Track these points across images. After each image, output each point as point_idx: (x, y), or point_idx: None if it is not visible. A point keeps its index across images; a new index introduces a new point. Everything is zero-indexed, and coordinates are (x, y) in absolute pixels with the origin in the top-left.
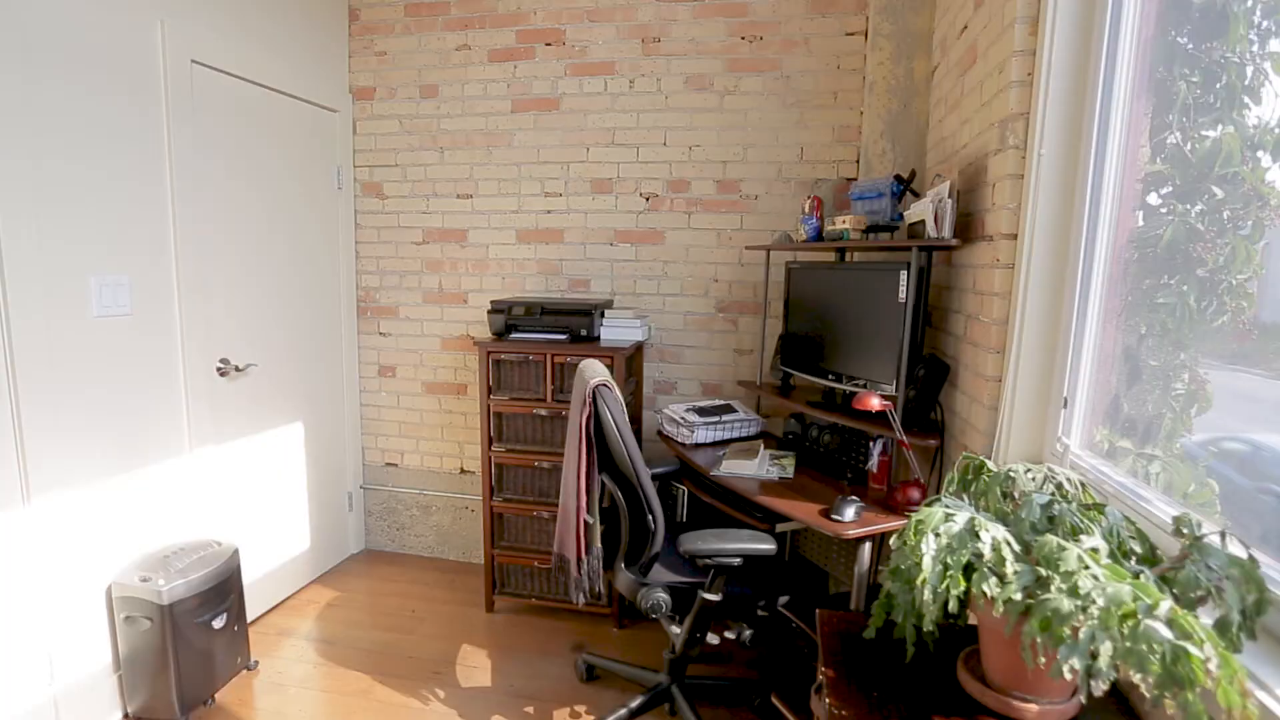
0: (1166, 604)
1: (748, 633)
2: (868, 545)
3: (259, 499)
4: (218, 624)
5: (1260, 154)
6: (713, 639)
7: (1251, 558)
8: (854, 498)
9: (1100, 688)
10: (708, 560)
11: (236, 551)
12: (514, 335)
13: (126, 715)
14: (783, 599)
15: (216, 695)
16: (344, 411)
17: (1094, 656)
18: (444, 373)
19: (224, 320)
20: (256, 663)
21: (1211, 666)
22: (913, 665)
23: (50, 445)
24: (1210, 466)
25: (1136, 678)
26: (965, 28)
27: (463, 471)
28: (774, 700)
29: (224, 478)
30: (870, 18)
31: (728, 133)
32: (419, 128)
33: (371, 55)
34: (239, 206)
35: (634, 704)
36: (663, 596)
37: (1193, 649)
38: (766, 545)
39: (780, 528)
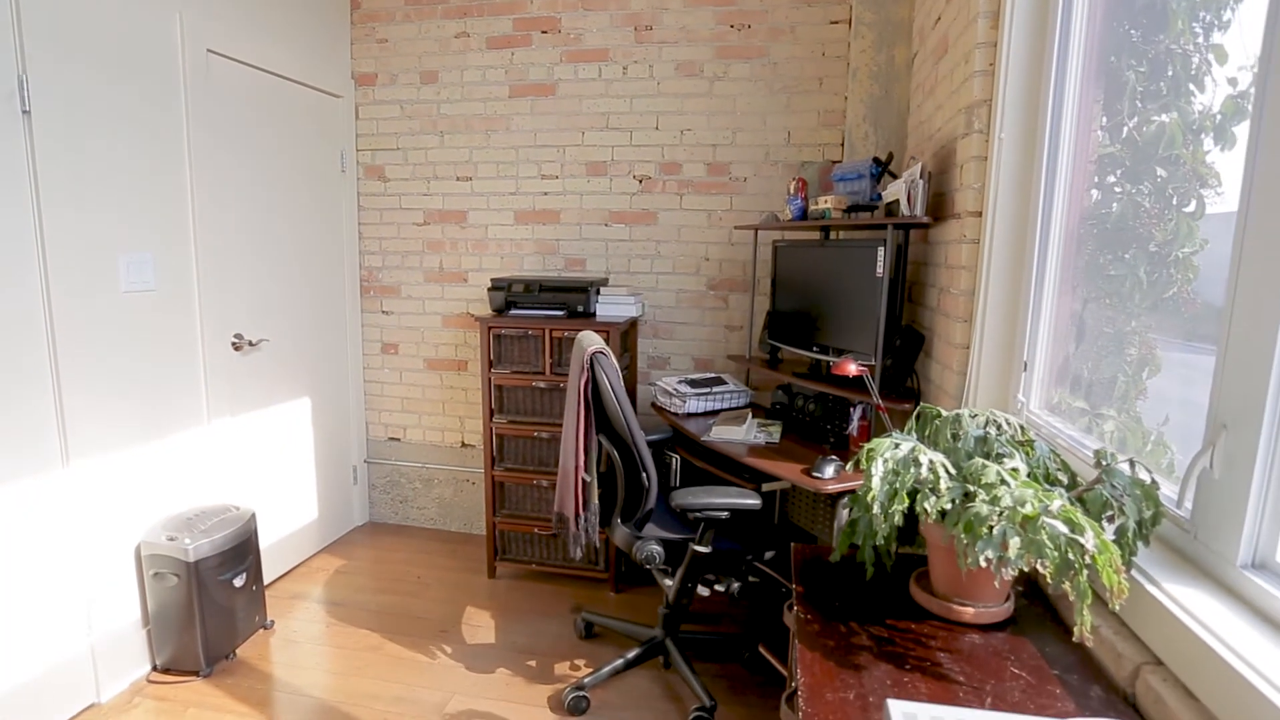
0: (1058, 502)
1: (736, 585)
2: (845, 507)
3: (270, 470)
4: (238, 582)
5: (1204, 138)
6: (703, 591)
7: (1154, 481)
8: (834, 458)
9: (1009, 574)
10: (698, 513)
11: (254, 515)
12: (513, 312)
13: (155, 666)
14: (769, 554)
15: (237, 650)
16: (348, 387)
17: (1006, 549)
18: (445, 349)
19: (237, 297)
20: (273, 622)
21: (1088, 545)
22: (872, 583)
23: (86, 411)
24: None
25: (1039, 565)
26: (939, 18)
27: (464, 445)
28: (761, 650)
29: (239, 448)
30: (853, 6)
31: (717, 117)
32: (419, 112)
33: (373, 42)
34: (249, 188)
35: (630, 655)
36: (656, 548)
37: (1080, 538)
38: (752, 500)
39: (766, 487)
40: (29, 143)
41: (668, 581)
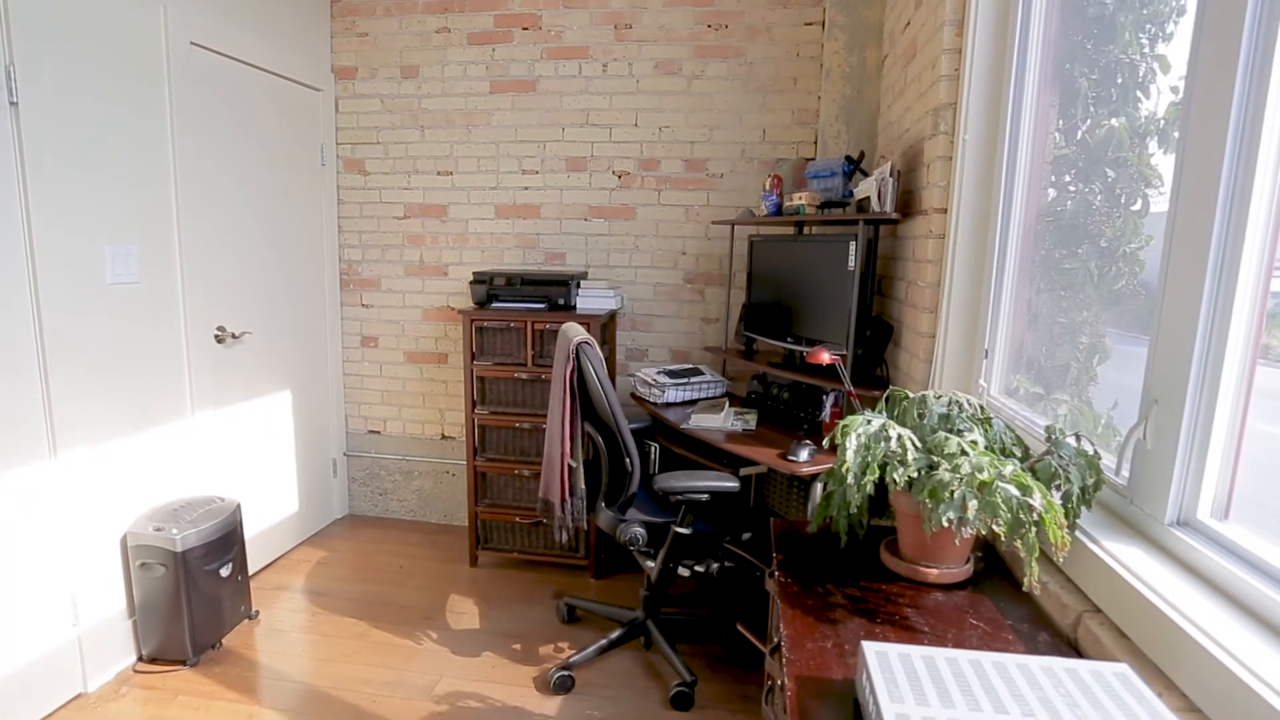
0: (1010, 467)
1: (714, 566)
2: (819, 483)
3: (252, 462)
4: (224, 572)
5: (1149, 141)
6: (683, 571)
7: (1095, 452)
8: (808, 443)
9: (967, 533)
10: (679, 496)
11: (239, 506)
12: (495, 304)
13: (141, 656)
14: (746, 535)
15: (223, 640)
16: (328, 380)
17: (965, 511)
18: (425, 342)
19: (219, 289)
20: (257, 612)
21: (1036, 504)
22: (846, 551)
23: (73, 402)
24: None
25: (994, 525)
26: (908, 23)
27: (444, 437)
28: (739, 628)
29: (222, 440)
30: (827, 9)
31: (695, 115)
32: (400, 107)
33: (353, 36)
34: (230, 181)
35: (613, 635)
36: (639, 530)
37: (1029, 499)
38: (731, 483)
39: (743, 471)
40: (17, 134)
41: (650, 563)
